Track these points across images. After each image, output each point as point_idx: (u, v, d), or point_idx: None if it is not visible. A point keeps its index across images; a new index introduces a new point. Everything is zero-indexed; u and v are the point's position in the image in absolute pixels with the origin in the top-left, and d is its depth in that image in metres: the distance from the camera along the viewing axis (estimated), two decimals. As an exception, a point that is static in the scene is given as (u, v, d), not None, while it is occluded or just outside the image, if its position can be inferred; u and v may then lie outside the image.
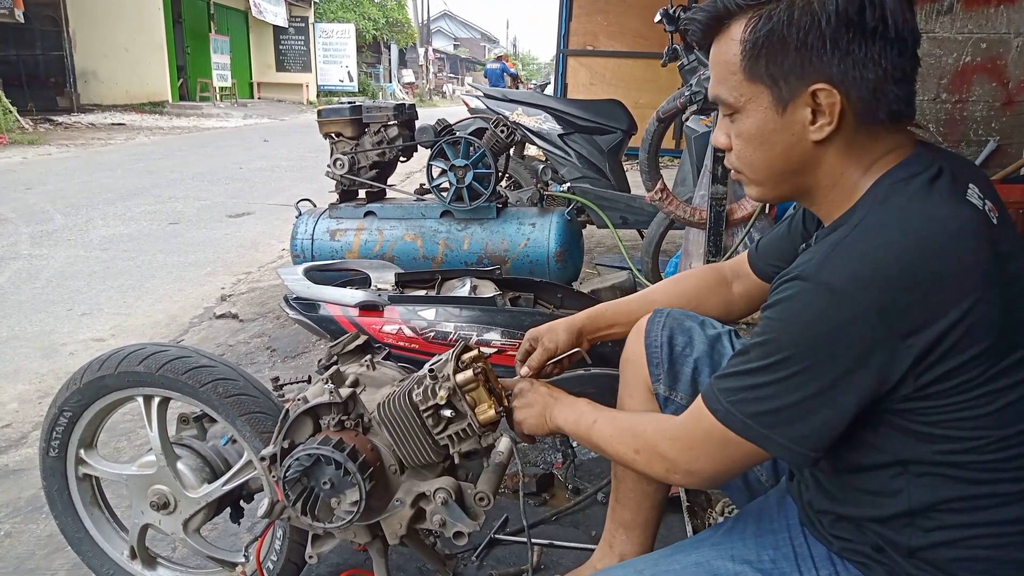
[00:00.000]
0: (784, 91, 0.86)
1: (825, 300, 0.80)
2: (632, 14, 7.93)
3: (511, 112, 3.94)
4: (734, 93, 0.90)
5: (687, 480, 0.97)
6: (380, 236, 2.98)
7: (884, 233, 0.81)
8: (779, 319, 0.85)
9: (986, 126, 3.69)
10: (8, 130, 10.71)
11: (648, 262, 3.30)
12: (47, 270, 4.30)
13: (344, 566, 1.67)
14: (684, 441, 0.95)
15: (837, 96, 0.84)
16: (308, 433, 1.27)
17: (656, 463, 0.99)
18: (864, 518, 0.91)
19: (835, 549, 0.96)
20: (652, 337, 1.25)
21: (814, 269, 0.82)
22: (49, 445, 1.52)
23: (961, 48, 3.53)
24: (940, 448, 0.84)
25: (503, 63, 18.16)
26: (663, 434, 0.98)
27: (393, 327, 1.85)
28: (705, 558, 1.02)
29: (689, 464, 0.95)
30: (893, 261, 0.79)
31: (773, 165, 0.92)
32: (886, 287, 0.78)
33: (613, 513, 1.38)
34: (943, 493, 0.85)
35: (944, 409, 0.82)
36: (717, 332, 1.26)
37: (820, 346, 0.81)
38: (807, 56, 0.84)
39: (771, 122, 0.89)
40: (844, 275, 0.80)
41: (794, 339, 0.83)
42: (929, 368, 0.80)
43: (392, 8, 29.78)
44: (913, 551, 0.88)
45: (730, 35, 0.89)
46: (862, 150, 0.88)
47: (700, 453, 0.93)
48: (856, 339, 0.79)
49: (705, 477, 0.95)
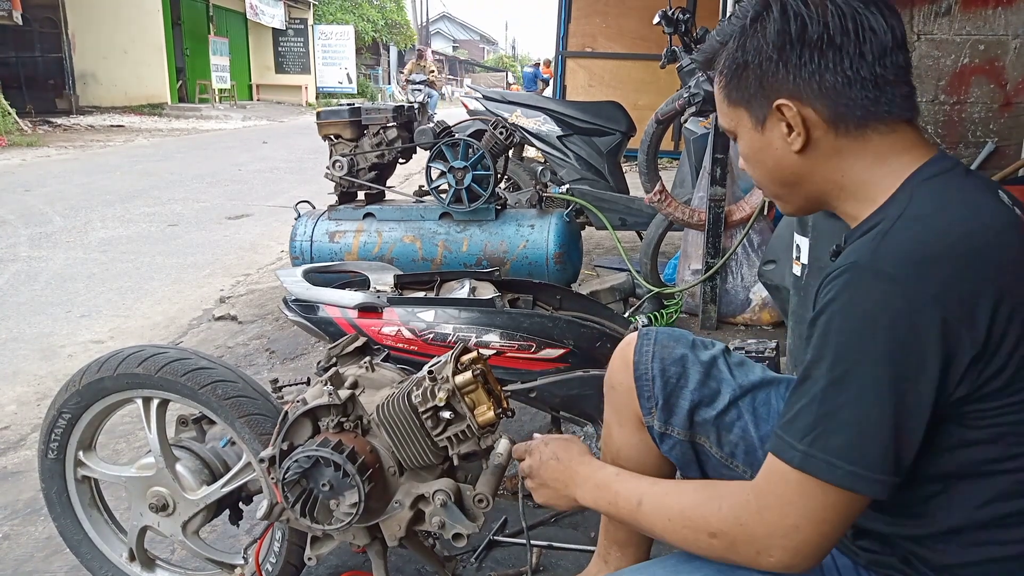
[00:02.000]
0: (757, 111, 0.92)
1: (884, 287, 0.77)
2: (631, 16, 7.95)
3: (510, 114, 3.94)
4: (725, 120, 0.98)
5: (788, 560, 0.82)
6: (379, 238, 2.98)
7: (930, 223, 0.80)
8: (837, 318, 0.79)
9: (984, 128, 3.69)
10: (7, 132, 10.71)
11: (647, 263, 3.30)
12: (46, 272, 4.30)
13: (343, 568, 1.67)
14: (774, 510, 0.81)
15: (795, 108, 0.88)
16: (307, 435, 1.27)
17: (742, 546, 0.85)
18: (897, 536, 0.89)
19: (862, 562, 0.93)
20: (642, 369, 1.16)
21: (868, 258, 0.78)
22: (48, 447, 1.52)
23: (959, 50, 3.54)
24: (988, 456, 0.81)
25: (537, 69, 18.95)
26: (744, 509, 0.84)
27: (392, 329, 1.85)
28: (715, 569, 0.94)
29: (787, 537, 0.81)
30: (945, 248, 0.78)
31: (772, 180, 0.96)
32: (942, 272, 0.76)
33: (606, 531, 1.33)
34: (983, 512, 0.83)
35: (1001, 411, 0.79)
36: (711, 355, 1.17)
37: (890, 338, 0.76)
38: (763, 77, 0.89)
39: (756, 141, 0.94)
40: (898, 261, 0.77)
41: (860, 337, 0.77)
42: (990, 358, 0.77)
43: (391, 10, 29.78)
44: (944, 568, 0.86)
45: (718, 69, 0.96)
46: (856, 152, 0.88)
47: (797, 519, 0.80)
48: (922, 328, 0.76)
49: (811, 548, 0.81)
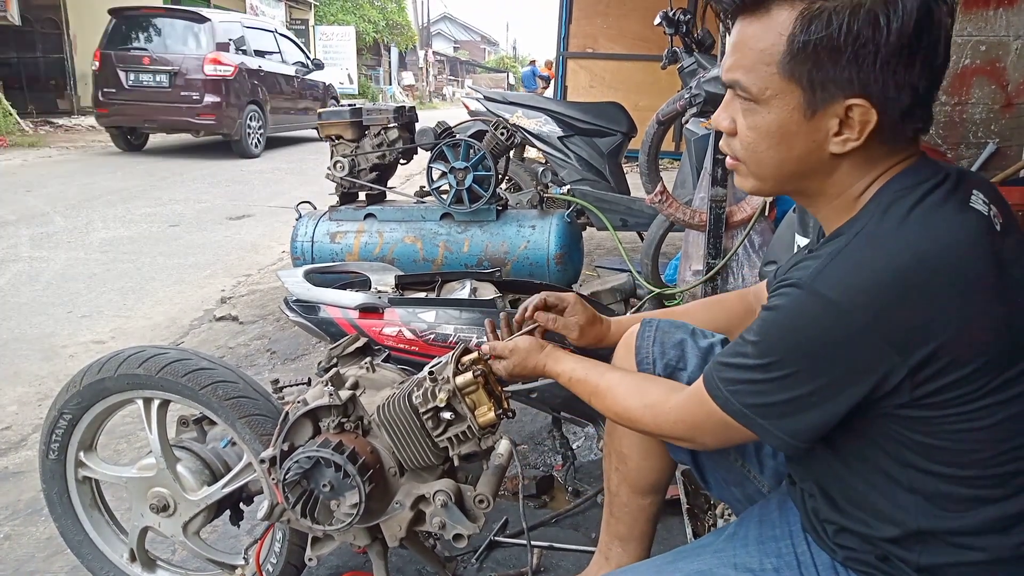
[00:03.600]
0: (818, 97, 0.82)
1: (819, 309, 0.80)
2: (632, 17, 7.95)
3: (511, 115, 3.94)
4: (760, 84, 0.84)
5: (692, 446, 1.07)
6: (380, 238, 2.98)
7: (882, 244, 0.79)
8: (774, 324, 0.86)
9: (985, 128, 3.69)
10: (8, 132, 10.71)
11: (648, 264, 3.30)
12: (47, 272, 4.30)
13: (344, 568, 1.67)
14: (689, 421, 0.99)
15: (873, 115, 0.81)
16: (308, 435, 1.27)
17: (665, 430, 1.04)
18: (873, 536, 0.90)
19: (839, 558, 0.95)
20: (643, 353, 1.21)
21: (810, 278, 0.82)
22: (49, 447, 1.52)
23: (960, 51, 3.53)
24: (941, 460, 0.83)
25: (534, 67, 19.38)
26: (667, 417, 1.02)
27: (393, 329, 1.85)
28: (708, 566, 1.01)
29: (693, 438, 1.00)
30: (889, 274, 0.77)
31: (784, 166, 0.88)
32: (881, 299, 0.77)
33: (608, 526, 1.37)
34: (950, 520, 0.85)
35: (942, 420, 0.81)
36: (710, 342, 1.23)
37: (813, 354, 0.82)
38: (855, 69, 0.79)
39: (794, 124, 0.84)
40: (839, 286, 0.79)
41: (788, 345, 0.84)
42: (925, 381, 0.79)
43: (392, 11, 29.80)
44: (923, 569, 0.87)
45: (772, 22, 0.82)
46: (876, 163, 0.86)
47: (705, 432, 0.97)
48: (849, 349, 0.80)
49: (710, 448, 1.06)
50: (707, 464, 1.26)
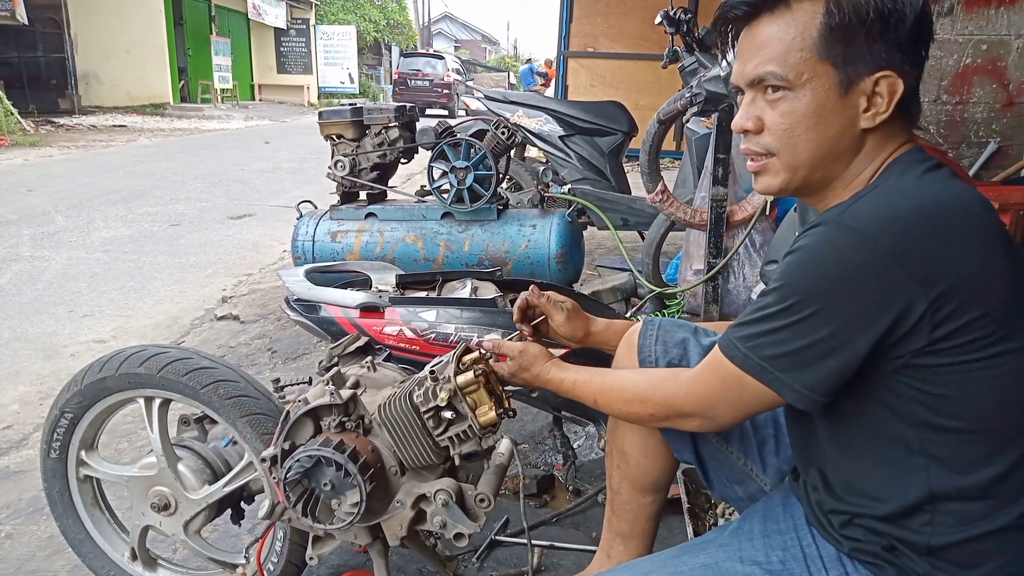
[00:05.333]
0: (851, 73, 0.87)
1: (844, 240, 0.83)
2: (632, 16, 7.95)
3: (512, 114, 3.94)
4: (797, 70, 0.88)
5: (705, 426, 1.01)
6: (381, 238, 2.98)
7: (904, 191, 0.85)
8: (798, 263, 0.87)
9: (987, 128, 3.69)
10: (9, 132, 10.72)
11: (649, 263, 3.30)
12: (48, 272, 4.31)
13: (344, 567, 1.67)
14: (701, 394, 0.97)
15: (900, 84, 0.87)
16: (309, 435, 1.27)
17: (673, 419, 1.03)
18: (878, 516, 0.91)
19: (845, 550, 0.95)
20: (646, 351, 1.22)
21: (835, 215, 0.85)
22: (50, 447, 1.52)
23: (961, 50, 3.53)
24: (949, 412, 0.85)
25: (532, 64, 19.64)
26: (678, 391, 1.00)
27: (394, 329, 1.85)
28: (713, 559, 1.02)
29: (706, 411, 0.98)
30: (913, 211, 0.82)
31: (821, 147, 0.91)
32: (905, 231, 0.81)
33: (609, 524, 1.37)
34: (958, 479, 0.86)
35: (953, 370, 0.83)
36: (711, 341, 1.22)
37: (837, 286, 0.83)
38: (883, 44, 0.86)
39: (830, 103, 0.89)
40: (864, 219, 0.83)
41: (811, 280, 0.85)
42: (944, 320, 0.81)
43: (393, 10, 29.80)
44: (932, 549, 0.88)
45: (795, 14, 0.88)
46: (886, 144, 0.92)
47: (718, 402, 0.96)
48: (874, 279, 0.81)
49: (723, 424, 1.00)
50: (710, 462, 1.26)
